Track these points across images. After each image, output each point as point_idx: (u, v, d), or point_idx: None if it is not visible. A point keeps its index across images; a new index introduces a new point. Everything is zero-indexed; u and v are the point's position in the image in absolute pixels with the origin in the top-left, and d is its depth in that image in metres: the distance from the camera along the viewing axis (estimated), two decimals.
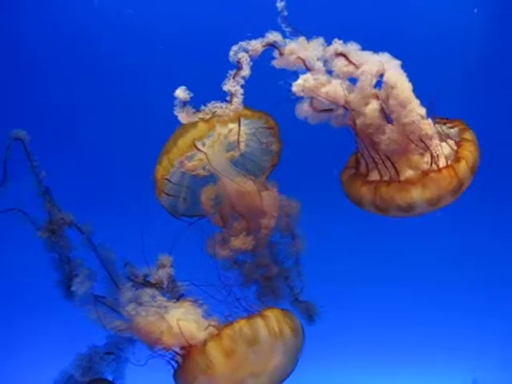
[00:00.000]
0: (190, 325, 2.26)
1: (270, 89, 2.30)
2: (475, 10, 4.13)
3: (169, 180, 2.40)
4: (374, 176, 2.41)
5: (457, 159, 2.30)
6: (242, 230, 2.47)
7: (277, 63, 2.29)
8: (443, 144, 2.39)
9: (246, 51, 2.22)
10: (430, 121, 2.30)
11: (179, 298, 2.44)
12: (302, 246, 2.54)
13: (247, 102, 2.32)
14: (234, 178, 2.43)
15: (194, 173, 2.41)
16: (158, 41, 4.08)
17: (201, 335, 2.25)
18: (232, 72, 2.24)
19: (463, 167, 2.30)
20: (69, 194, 2.44)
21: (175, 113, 2.27)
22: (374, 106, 2.28)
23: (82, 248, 2.35)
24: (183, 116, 2.27)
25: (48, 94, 4.19)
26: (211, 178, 2.48)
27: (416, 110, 2.24)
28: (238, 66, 2.23)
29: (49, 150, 2.56)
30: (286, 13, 2.24)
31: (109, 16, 4.12)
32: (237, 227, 2.47)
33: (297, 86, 2.26)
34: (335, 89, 2.27)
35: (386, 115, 2.30)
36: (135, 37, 4.13)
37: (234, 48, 2.22)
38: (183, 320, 2.27)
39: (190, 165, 2.39)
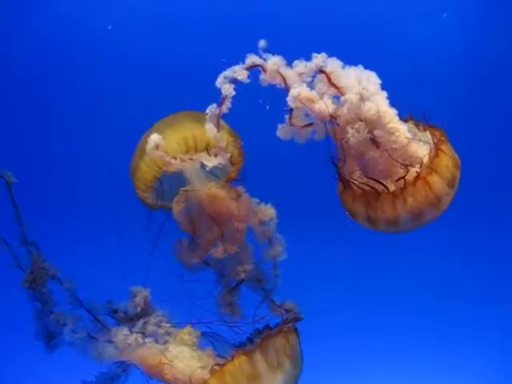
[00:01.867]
0: (191, 364, 2.26)
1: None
2: (444, 15, 4.18)
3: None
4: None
5: (429, 172, 2.26)
6: (214, 237, 2.44)
7: (263, 80, 2.25)
8: (421, 152, 2.39)
9: (232, 79, 2.19)
10: (415, 142, 2.29)
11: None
12: (280, 251, 2.51)
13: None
14: (204, 183, 2.42)
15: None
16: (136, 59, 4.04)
17: (202, 374, 2.24)
18: (213, 108, 2.23)
19: (437, 180, 2.26)
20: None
21: (148, 153, 2.23)
22: (359, 131, 2.24)
23: (65, 297, 2.31)
24: (158, 157, 2.24)
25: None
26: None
27: (402, 135, 2.23)
28: (221, 102, 2.21)
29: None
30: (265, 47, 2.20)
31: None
32: (209, 236, 2.44)
33: (292, 95, 2.21)
34: (323, 105, 2.24)
35: (372, 139, 2.26)
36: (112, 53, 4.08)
37: (221, 77, 2.18)
38: (185, 359, 2.27)
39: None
